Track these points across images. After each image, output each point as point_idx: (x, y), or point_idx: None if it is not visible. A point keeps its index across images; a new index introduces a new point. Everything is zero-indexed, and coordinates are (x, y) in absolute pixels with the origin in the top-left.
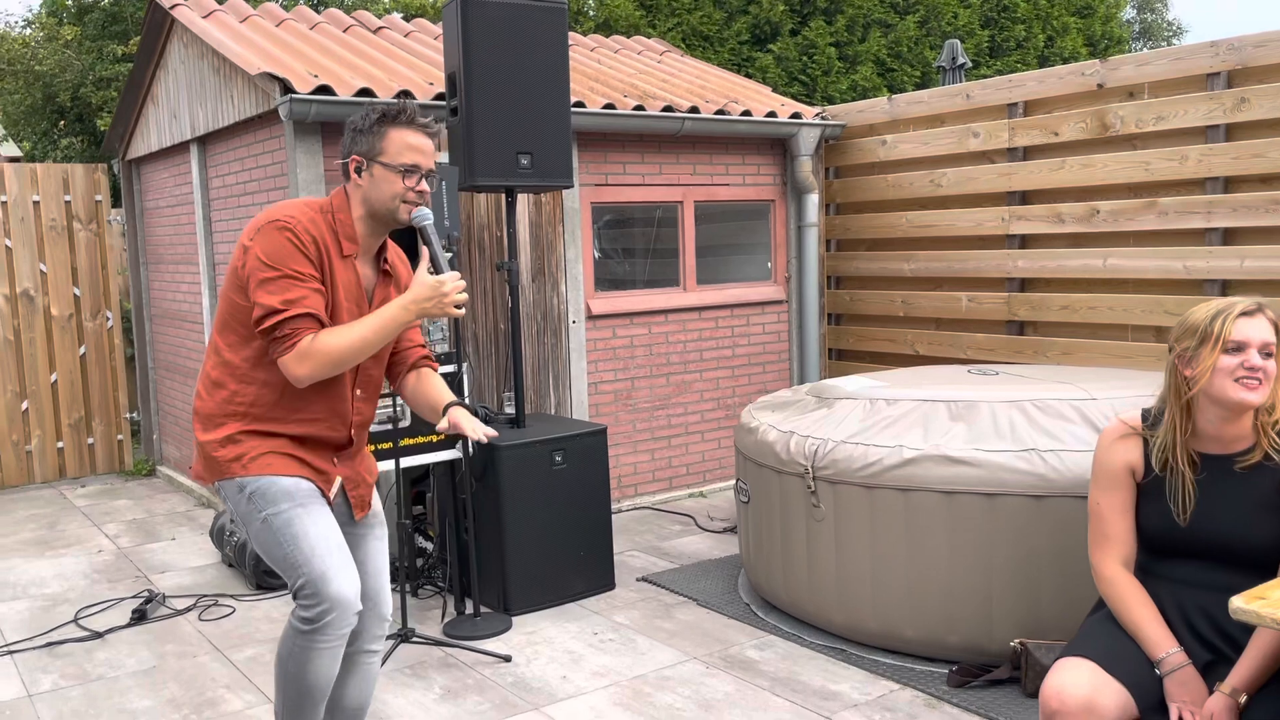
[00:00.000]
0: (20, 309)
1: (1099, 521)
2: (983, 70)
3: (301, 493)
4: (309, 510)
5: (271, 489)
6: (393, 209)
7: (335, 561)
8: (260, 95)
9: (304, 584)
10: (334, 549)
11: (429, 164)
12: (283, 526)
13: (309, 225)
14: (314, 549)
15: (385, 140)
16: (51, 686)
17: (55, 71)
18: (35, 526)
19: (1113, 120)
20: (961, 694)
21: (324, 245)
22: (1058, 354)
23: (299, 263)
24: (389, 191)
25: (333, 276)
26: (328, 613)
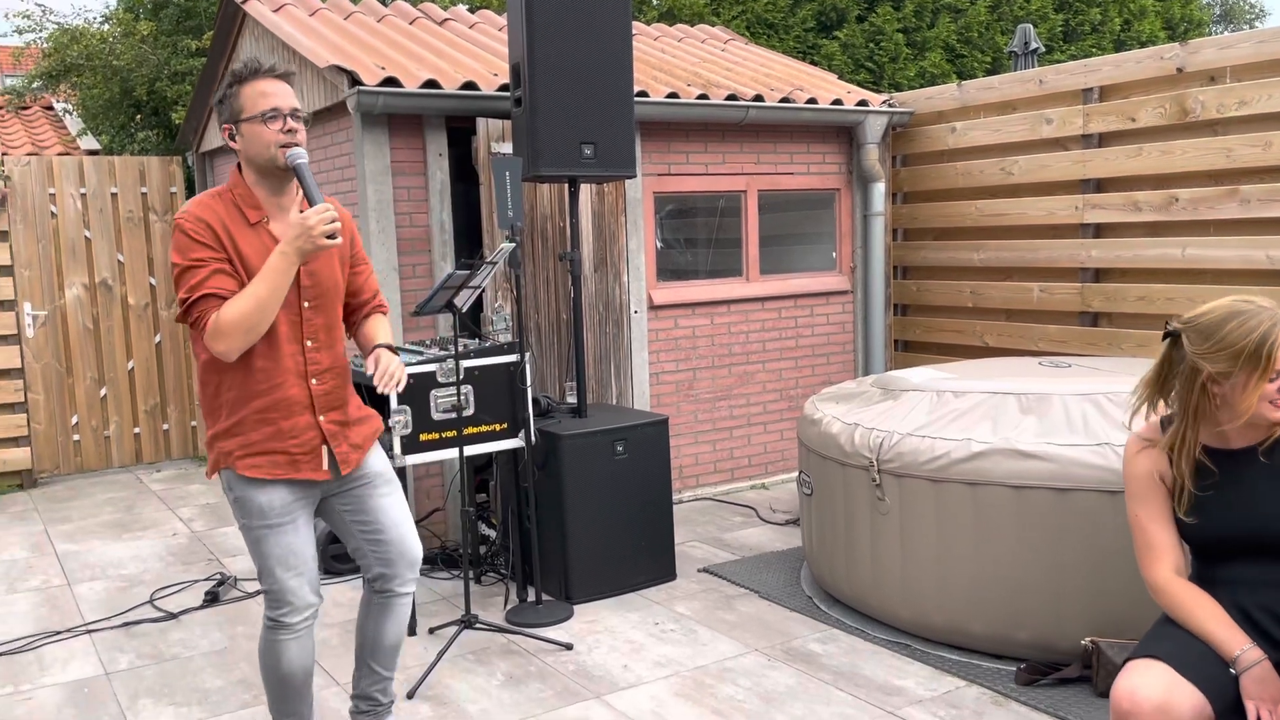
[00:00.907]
0: (99, 298)
1: (1140, 534)
2: (1056, 55)
3: (273, 511)
4: (274, 531)
5: (249, 503)
6: (271, 157)
7: (290, 575)
8: (329, 88)
9: (267, 590)
10: (291, 566)
11: (288, 104)
12: (253, 541)
13: (200, 212)
14: (275, 566)
15: (240, 98)
16: (128, 665)
17: (132, 66)
18: (113, 510)
19: (1193, 105)
20: (1030, 692)
21: (222, 224)
22: (1133, 346)
23: (194, 250)
24: (262, 141)
25: (237, 249)
26: (287, 612)
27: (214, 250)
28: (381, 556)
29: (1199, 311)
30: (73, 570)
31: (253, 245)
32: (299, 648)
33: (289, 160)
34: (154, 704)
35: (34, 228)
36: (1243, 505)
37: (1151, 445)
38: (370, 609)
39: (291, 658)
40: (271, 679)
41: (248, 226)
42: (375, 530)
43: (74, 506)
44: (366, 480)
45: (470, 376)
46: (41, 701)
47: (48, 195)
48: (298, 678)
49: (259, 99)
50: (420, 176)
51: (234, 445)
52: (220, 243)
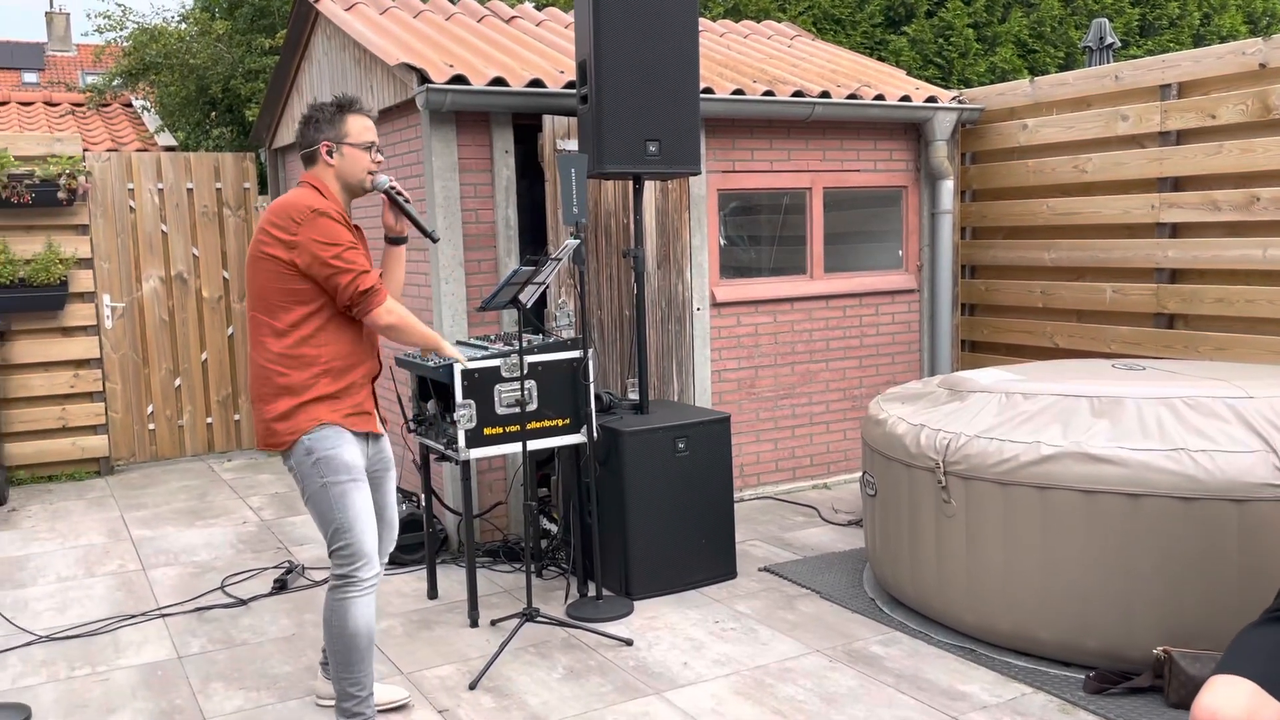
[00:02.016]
0: (174, 291)
1: None
2: (1132, 50)
3: (357, 468)
4: (358, 486)
5: (336, 458)
6: (363, 180)
7: (368, 528)
8: (398, 85)
9: (345, 544)
10: (366, 520)
11: (377, 139)
12: (339, 496)
13: (337, 208)
14: (358, 517)
15: (347, 124)
16: (200, 649)
17: (208, 64)
18: (186, 497)
19: (1276, 102)
20: (1099, 700)
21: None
22: (1211, 349)
23: (349, 235)
24: (359, 165)
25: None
26: (361, 566)
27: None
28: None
29: None
30: (147, 556)
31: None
32: (365, 605)
33: (379, 186)
34: (224, 688)
35: (113, 222)
36: None
37: None
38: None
39: (358, 615)
40: (339, 643)
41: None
42: (380, 510)
43: (149, 493)
44: (386, 464)
45: (534, 372)
46: (117, 683)
47: (126, 190)
48: (363, 638)
49: (364, 131)
50: (487, 173)
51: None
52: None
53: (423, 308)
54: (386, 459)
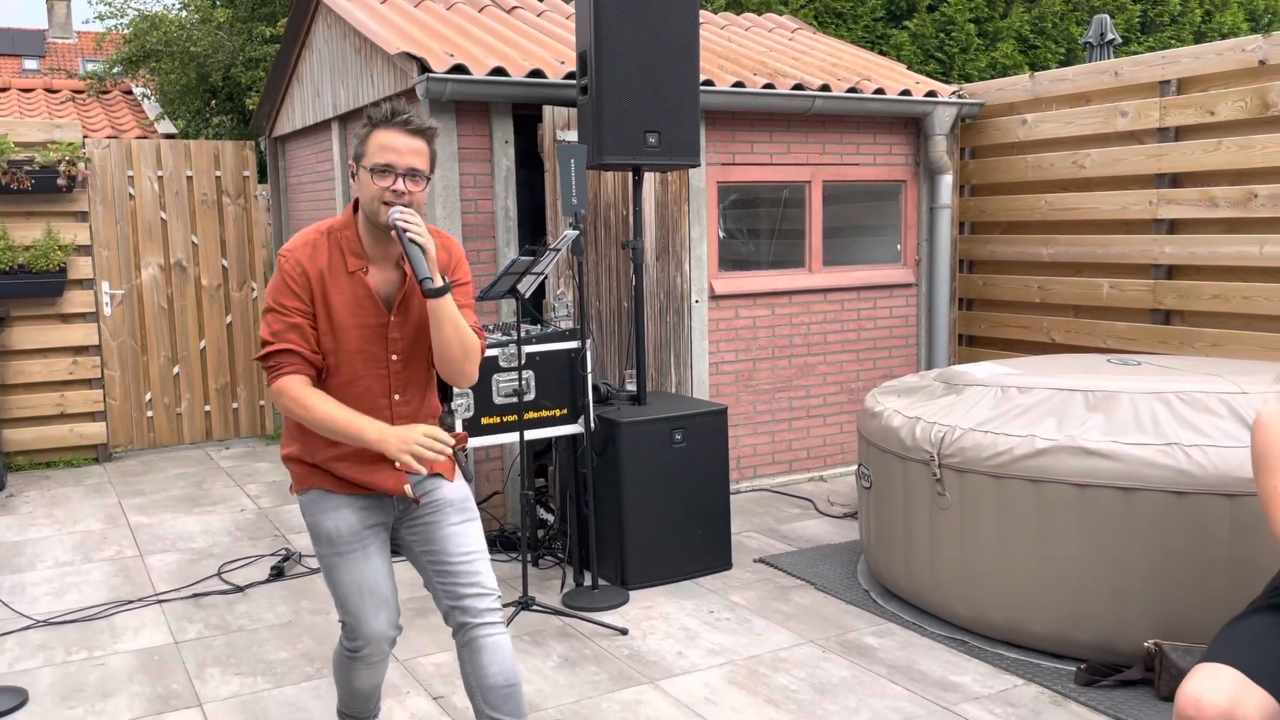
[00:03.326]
0: (173, 278)
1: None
2: (1133, 47)
3: (342, 539)
4: (344, 559)
5: (318, 530)
6: (374, 210)
7: (366, 605)
8: (399, 74)
9: (342, 621)
10: (365, 594)
11: (406, 162)
12: (326, 569)
13: (301, 256)
14: (348, 595)
15: (369, 143)
16: (196, 635)
17: (208, 52)
18: (184, 485)
19: (1275, 99)
20: (1090, 693)
21: (320, 273)
22: (1207, 345)
23: (285, 296)
24: (369, 193)
25: (327, 299)
26: (361, 647)
27: (301, 303)
28: (448, 589)
29: None
30: (145, 542)
31: (344, 295)
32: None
33: (389, 219)
34: (221, 673)
35: (113, 209)
36: None
37: None
38: (461, 654)
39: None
40: (343, 688)
41: (345, 274)
42: (440, 560)
43: (147, 480)
44: (436, 508)
45: (531, 362)
46: (113, 668)
47: (126, 177)
48: (365, 692)
49: (379, 150)
50: (486, 163)
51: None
52: (311, 294)
53: None
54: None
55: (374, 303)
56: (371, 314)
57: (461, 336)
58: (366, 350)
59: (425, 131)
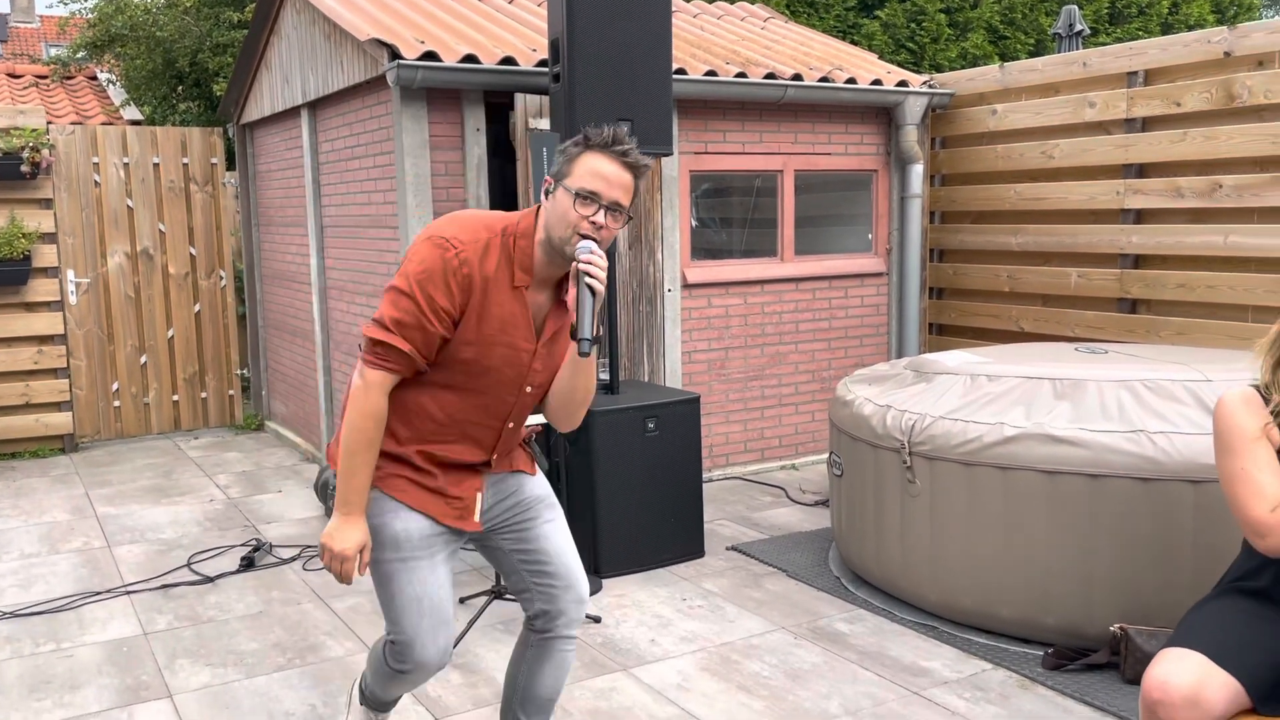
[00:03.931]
0: (140, 267)
1: (1247, 483)
2: (1101, 38)
3: (410, 543)
4: (409, 566)
5: (383, 532)
6: (565, 237)
7: (425, 625)
8: (369, 61)
9: (393, 639)
10: (426, 611)
11: (612, 195)
12: (383, 577)
13: (472, 254)
14: (405, 609)
15: (577, 164)
16: (166, 626)
17: (174, 37)
18: (152, 475)
19: (1240, 90)
20: (1056, 676)
21: (484, 277)
22: (1172, 334)
23: (438, 291)
24: (565, 217)
25: (485, 309)
26: (409, 670)
27: (452, 305)
28: (545, 591)
29: None
30: (112, 533)
31: (502, 309)
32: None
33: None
34: (191, 664)
35: (78, 196)
36: None
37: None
38: (526, 652)
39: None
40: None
41: (509, 287)
42: (539, 561)
43: (114, 471)
44: (527, 506)
45: None
46: (82, 659)
47: (91, 164)
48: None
49: (589, 176)
50: (458, 151)
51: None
52: (469, 299)
53: None
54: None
55: (528, 325)
56: (521, 336)
57: (589, 386)
58: (504, 372)
59: (639, 168)
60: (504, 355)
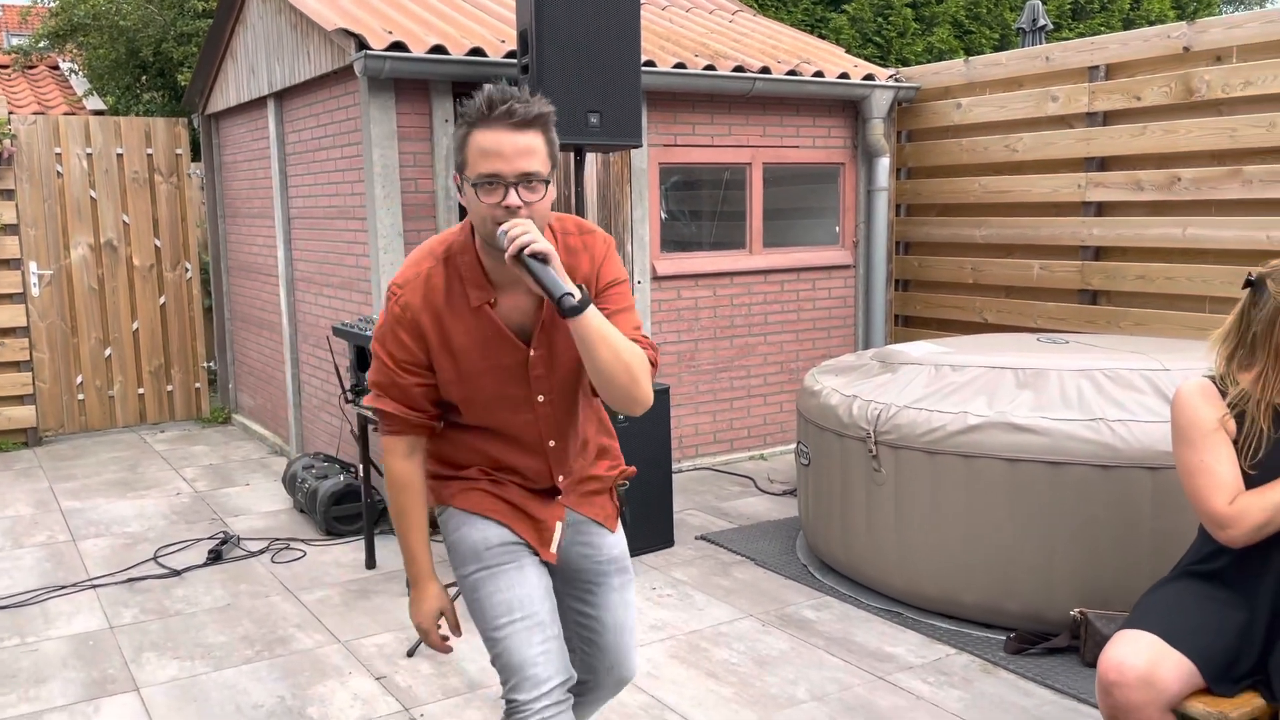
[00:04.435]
0: (104, 258)
1: (1207, 476)
2: (1064, 33)
3: (491, 551)
4: (494, 573)
5: (460, 546)
6: (488, 233)
7: (528, 635)
8: (336, 51)
9: (495, 656)
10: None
11: (515, 167)
12: (469, 590)
13: (411, 297)
14: (498, 620)
15: (467, 149)
16: (132, 619)
17: (138, 26)
18: (117, 468)
19: (1198, 85)
20: (1018, 660)
21: (435, 312)
22: (1131, 325)
23: (391, 344)
24: (478, 214)
25: (450, 344)
26: (516, 686)
27: (410, 354)
28: (588, 662)
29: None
30: (77, 527)
31: (471, 336)
32: None
33: (498, 242)
34: (157, 657)
35: (40, 187)
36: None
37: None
38: None
39: None
40: None
41: (468, 310)
42: (592, 629)
43: (78, 465)
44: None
45: None
46: (47, 653)
47: (53, 155)
48: None
49: (480, 158)
50: (426, 142)
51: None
52: (426, 342)
53: (360, 278)
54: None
55: (507, 339)
56: (506, 352)
57: (620, 355)
58: (506, 395)
59: (536, 120)
60: (496, 378)
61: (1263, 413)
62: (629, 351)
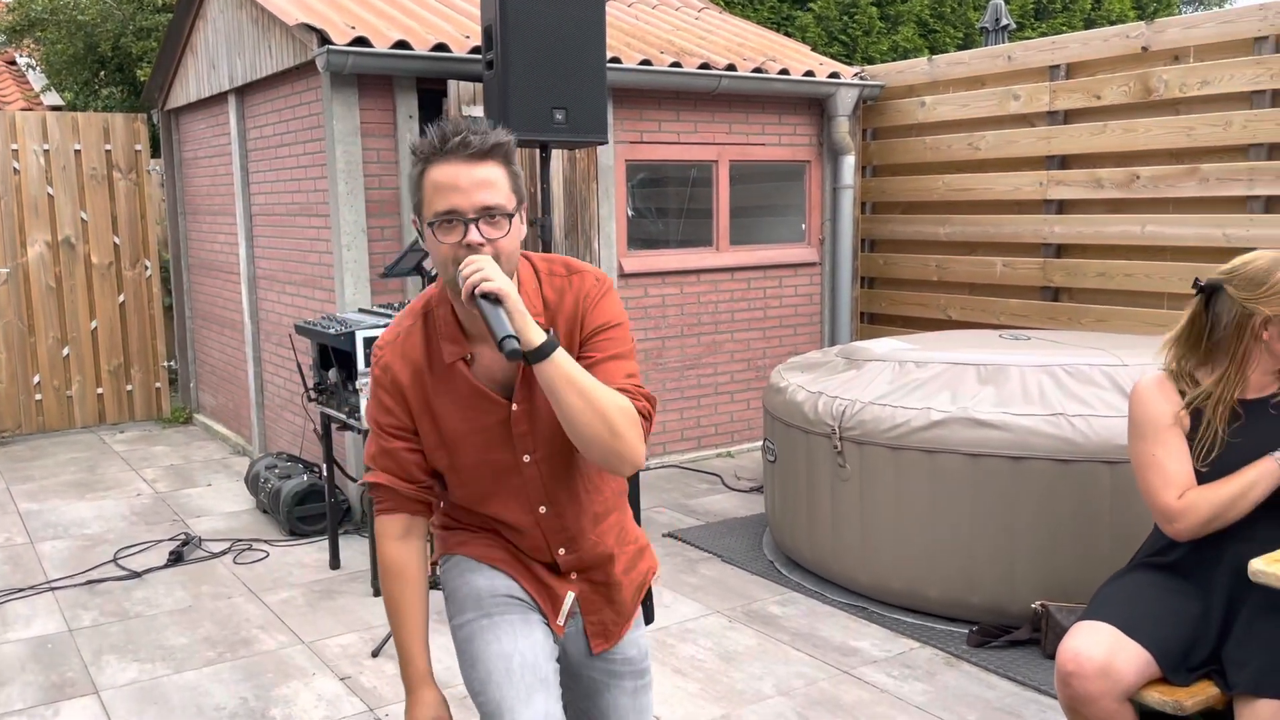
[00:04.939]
0: (62, 256)
1: (1158, 470)
2: (1027, 32)
3: (495, 598)
4: (495, 622)
5: (459, 593)
6: (450, 278)
7: (518, 689)
8: (298, 46)
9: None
10: (516, 670)
11: (474, 202)
12: (463, 642)
13: (390, 357)
14: (490, 671)
15: (424, 187)
16: (92, 622)
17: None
18: (76, 469)
19: (1156, 84)
20: (981, 653)
21: (414, 371)
22: (1092, 321)
23: (378, 410)
24: (439, 257)
25: (431, 407)
26: None
27: (395, 419)
28: None
29: (1237, 263)
30: (35, 529)
31: (452, 395)
32: None
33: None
34: (118, 660)
35: None
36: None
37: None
38: None
39: None
40: None
41: (445, 368)
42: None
43: (36, 466)
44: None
45: None
46: (5, 656)
47: (10, 151)
48: None
49: (436, 195)
50: (390, 138)
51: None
52: (407, 404)
53: (323, 275)
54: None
55: (485, 396)
56: (487, 410)
57: (595, 403)
58: (490, 459)
59: (494, 150)
60: (478, 441)
61: (1219, 414)
62: (606, 400)
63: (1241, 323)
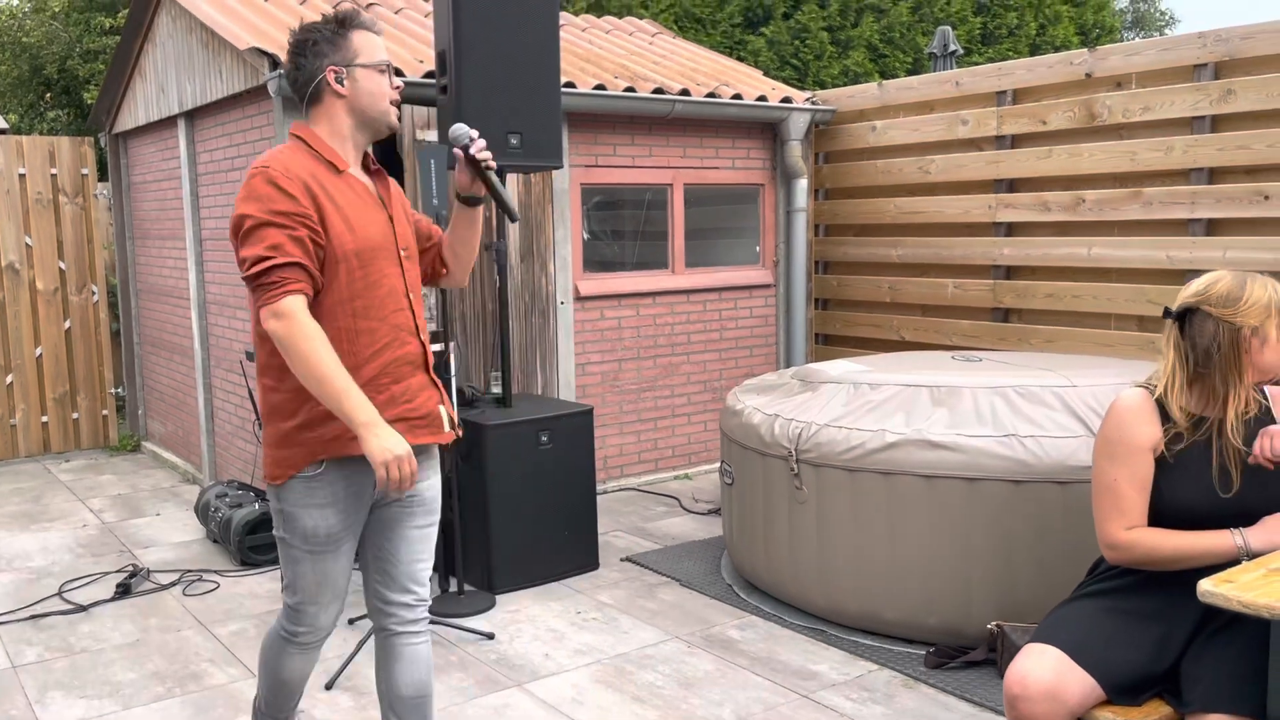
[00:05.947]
0: (5, 282)
1: (1115, 498)
2: (974, 58)
3: (318, 539)
4: (316, 558)
5: (294, 522)
6: (385, 110)
7: (324, 599)
8: (249, 70)
9: (292, 605)
10: (325, 588)
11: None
12: (289, 559)
13: (289, 162)
14: (307, 587)
15: (354, 42)
16: (36, 658)
17: (42, 43)
18: (19, 500)
19: (1100, 110)
20: (938, 675)
21: (313, 175)
22: (1041, 342)
23: (282, 203)
24: (378, 92)
25: (333, 199)
26: (304, 634)
27: (302, 209)
28: (380, 590)
29: (1202, 285)
30: None
31: (344, 194)
32: (304, 660)
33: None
34: (64, 696)
35: None
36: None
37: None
38: (379, 660)
39: (293, 667)
40: (269, 677)
41: (335, 175)
42: (387, 559)
43: None
44: (407, 504)
45: None
46: None
47: None
48: (293, 685)
49: (376, 49)
50: None
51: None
52: (314, 199)
53: None
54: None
55: (374, 199)
56: (374, 208)
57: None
58: (385, 247)
59: None
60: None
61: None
62: None
63: (1233, 338)
